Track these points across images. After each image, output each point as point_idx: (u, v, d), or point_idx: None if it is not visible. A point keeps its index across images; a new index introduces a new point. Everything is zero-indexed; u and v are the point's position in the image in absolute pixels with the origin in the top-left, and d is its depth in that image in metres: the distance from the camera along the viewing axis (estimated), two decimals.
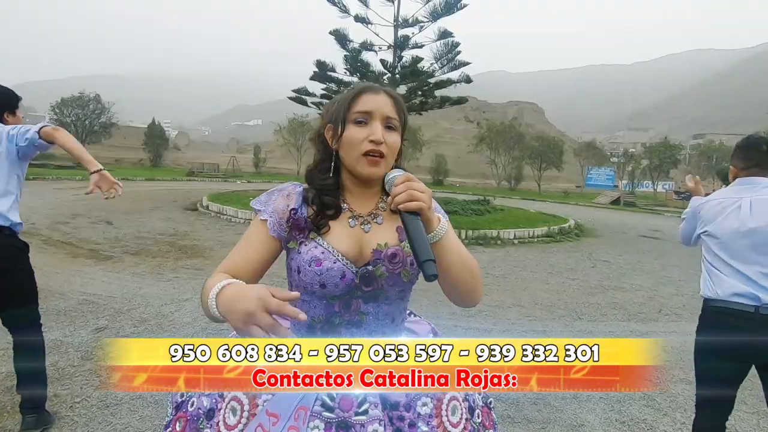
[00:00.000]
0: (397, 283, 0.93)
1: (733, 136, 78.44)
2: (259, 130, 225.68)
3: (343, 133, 0.90)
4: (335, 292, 0.91)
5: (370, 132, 0.88)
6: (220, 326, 3.24)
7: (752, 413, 2.64)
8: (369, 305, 0.94)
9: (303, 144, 30.79)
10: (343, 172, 0.96)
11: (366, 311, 0.93)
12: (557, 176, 37.98)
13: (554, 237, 9.45)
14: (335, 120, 0.92)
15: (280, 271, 1.04)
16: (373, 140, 0.87)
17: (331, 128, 0.94)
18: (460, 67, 13.08)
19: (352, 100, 0.90)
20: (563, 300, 4.99)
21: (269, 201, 0.96)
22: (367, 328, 0.94)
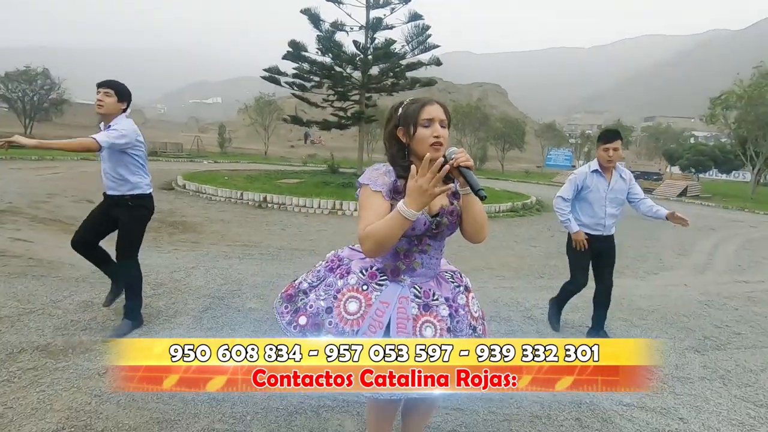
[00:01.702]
0: (449, 228, 1.48)
1: (680, 119, 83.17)
2: (219, 108, 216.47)
3: (415, 133, 1.38)
4: (417, 232, 1.42)
5: (433, 131, 1.37)
6: (219, 318, 3.66)
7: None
8: (432, 241, 1.48)
9: (270, 123, 30.31)
10: (412, 157, 1.43)
11: (430, 244, 1.48)
12: (519, 156, 39.46)
13: (518, 212, 10.26)
14: (407, 124, 1.39)
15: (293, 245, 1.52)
16: (436, 136, 1.37)
17: (402, 130, 1.41)
18: (430, 49, 13.48)
19: (419, 111, 1.38)
20: (527, 263, 5.70)
21: (377, 179, 1.41)
22: (429, 254, 1.49)
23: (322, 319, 1.45)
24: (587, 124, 77.90)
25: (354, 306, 1.42)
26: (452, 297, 1.51)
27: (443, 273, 1.57)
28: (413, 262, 1.46)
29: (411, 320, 1.40)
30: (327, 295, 1.48)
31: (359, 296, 1.43)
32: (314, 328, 1.45)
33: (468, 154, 1.33)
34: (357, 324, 1.40)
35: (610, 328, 3.59)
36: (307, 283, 1.58)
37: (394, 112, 1.46)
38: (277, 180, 12.04)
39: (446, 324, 1.45)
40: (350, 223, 7.76)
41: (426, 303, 1.45)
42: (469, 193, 1.39)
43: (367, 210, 1.37)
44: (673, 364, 3.02)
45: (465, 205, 1.43)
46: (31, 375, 2.33)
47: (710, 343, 3.43)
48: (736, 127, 19.77)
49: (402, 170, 1.41)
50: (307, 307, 1.50)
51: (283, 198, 8.90)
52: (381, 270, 1.48)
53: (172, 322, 3.14)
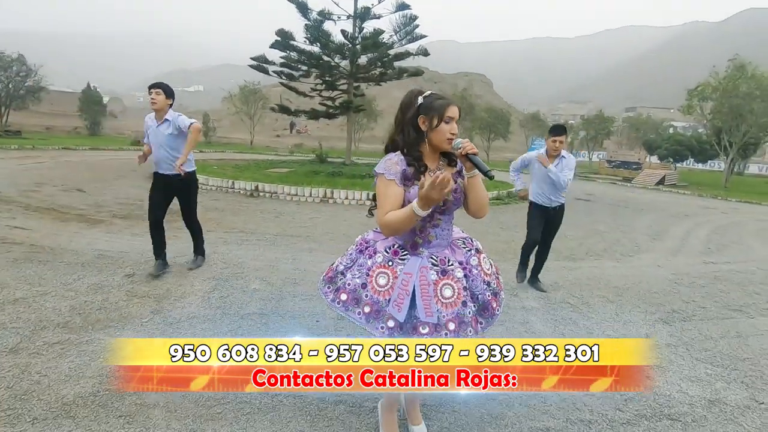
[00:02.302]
0: (455, 204, 1.72)
1: (659, 109, 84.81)
2: (201, 96, 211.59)
3: (437, 126, 1.61)
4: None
5: (451, 128, 1.62)
6: (227, 297, 3.84)
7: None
8: (442, 216, 1.72)
9: (256, 113, 29.99)
10: (421, 144, 1.66)
11: (441, 218, 1.72)
12: (504, 146, 39.91)
13: (503, 200, 10.58)
14: (431, 117, 1.61)
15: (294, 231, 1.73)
16: (453, 132, 1.62)
17: (425, 120, 1.62)
18: (417, 39, 13.58)
19: (445, 108, 1.61)
20: (512, 248, 5.99)
21: (390, 168, 1.62)
22: (441, 227, 1.73)
23: (359, 294, 1.70)
24: (571, 114, 78.94)
25: (383, 280, 1.67)
26: (465, 260, 1.75)
27: (456, 241, 1.81)
28: (428, 235, 1.71)
29: (432, 285, 1.64)
30: (360, 273, 1.73)
31: (387, 271, 1.68)
32: (354, 303, 1.71)
33: (472, 143, 1.58)
34: (388, 294, 1.65)
35: (589, 304, 3.90)
36: (342, 266, 1.82)
37: (414, 99, 1.64)
38: (267, 169, 12.12)
39: (462, 284, 1.69)
40: (341, 210, 7.95)
41: (443, 269, 1.69)
42: (474, 176, 1.65)
43: (385, 198, 1.60)
44: (644, 334, 3.34)
45: (470, 186, 1.68)
46: (57, 348, 2.50)
47: (677, 316, 3.77)
48: (712, 118, 20.45)
49: (413, 159, 1.63)
50: (346, 285, 1.75)
51: (274, 187, 9.03)
52: (402, 246, 1.72)
53: (183, 301, 3.32)
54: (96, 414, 1.96)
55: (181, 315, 3.06)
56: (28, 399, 2.03)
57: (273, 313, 3.21)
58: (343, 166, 13.24)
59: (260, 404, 2.12)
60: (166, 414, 1.99)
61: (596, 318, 3.60)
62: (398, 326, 1.63)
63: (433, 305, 1.61)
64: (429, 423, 2.07)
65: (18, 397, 2.04)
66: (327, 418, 2.06)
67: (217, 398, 2.14)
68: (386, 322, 1.63)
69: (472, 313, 1.69)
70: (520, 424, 2.12)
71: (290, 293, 3.63)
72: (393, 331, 1.62)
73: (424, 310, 1.60)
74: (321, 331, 2.97)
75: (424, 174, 1.63)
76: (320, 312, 3.27)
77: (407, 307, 1.61)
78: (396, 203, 1.58)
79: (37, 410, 1.96)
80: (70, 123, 33.92)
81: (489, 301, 1.76)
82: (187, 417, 1.99)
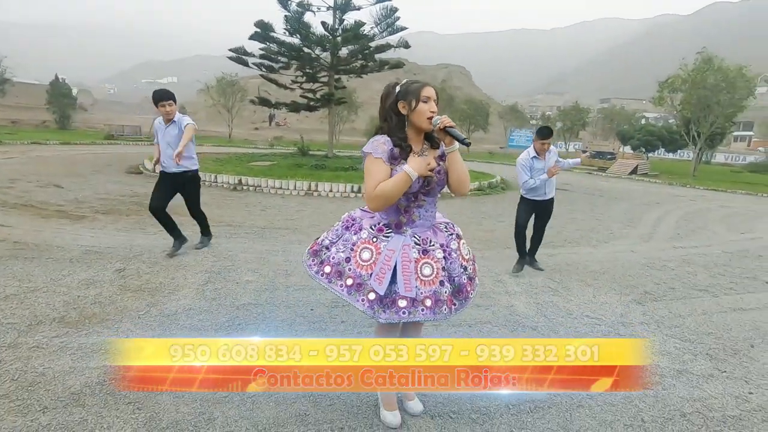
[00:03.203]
0: (439, 185, 1.84)
1: (633, 101, 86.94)
2: (175, 88, 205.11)
3: (416, 107, 1.73)
4: (413, 189, 1.78)
5: (430, 107, 1.73)
6: (220, 290, 3.89)
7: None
8: (426, 197, 1.84)
9: (234, 105, 29.47)
10: (405, 128, 1.78)
11: (425, 199, 1.84)
12: (484, 138, 40.40)
13: (484, 190, 10.82)
14: (410, 100, 1.73)
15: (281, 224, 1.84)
16: (432, 111, 1.73)
17: (404, 104, 1.75)
18: (398, 31, 13.61)
19: (420, 89, 1.73)
20: (495, 236, 6.21)
21: (377, 148, 1.74)
22: (424, 208, 1.85)
23: (342, 267, 1.80)
24: (548, 106, 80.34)
25: (367, 254, 1.77)
26: (446, 243, 1.87)
27: (438, 224, 1.93)
28: (412, 215, 1.82)
29: (413, 262, 1.75)
30: (345, 248, 1.83)
31: (371, 246, 1.79)
32: (337, 275, 1.81)
33: (449, 118, 1.74)
34: (370, 268, 1.75)
35: (569, 288, 4.12)
36: (328, 240, 1.93)
37: (392, 89, 1.79)
38: (249, 162, 12.03)
39: (441, 264, 1.80)
40: (327, 203, 8.01)
41: (424, 248, 1.80)
42: (453, 151, 1.78)
43: (373, 174, 1.71)
44: (619, 314, 3.57)
45: (450, 161, 1.80)
46: (57, 342, 2.54)
47: (649, 297, 4.02)
48: (681, 109, 21.20)
49: (399, 139, 1.76)
50: (330, 258, 1.85)
51: (258, 180, 9.01)
52: (387, 224, 1.83)
53: (177, 293, 3.37)
54: (105, 402, 2.03)
55: (177, 307, 3.11)
56: (35, 390, 2.08)
57: (267, 304, 3.29)
58: (326, 159, 13.24)
59: None
60: (174, 399, 2.07)
61: (576, 301, 3.81)
62: (378, 299, 1.72)
63: (413, 281, 1.72)
64: (423, 399, 2.21)
65: (25, 389, 2.08)
66: (329, 397, 2.17)
67: None
68: (367, 294, 1.73)
69: (448, 293, 1.79)
70: (508, 398, 2.28)
71: (283, 284, 3.71)
72: (373, 303, 1.72)
73: (404, 284, 1.71)
74: (316, 320, 3.08)
75: (410, 154, 1.76)
76: (314, 301, 3.37)
77: (388, 281, 1.71)
78: (384, 179, 1.70)
79: (46, 400, 2.01)
80: (38, 116, 32.61)
81: (464, 284, 1.87)
82: (195, 401, 2.07)
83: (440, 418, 2.09)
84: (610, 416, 2.19)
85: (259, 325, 2.92)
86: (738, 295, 4.23)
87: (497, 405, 2.21)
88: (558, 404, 2.25)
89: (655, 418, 2.19)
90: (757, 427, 2.18)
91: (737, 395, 2.44)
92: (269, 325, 2.93)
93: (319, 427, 1.96)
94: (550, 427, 2.07)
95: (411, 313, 1.71)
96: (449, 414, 2.12)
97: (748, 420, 2.23)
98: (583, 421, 2.14)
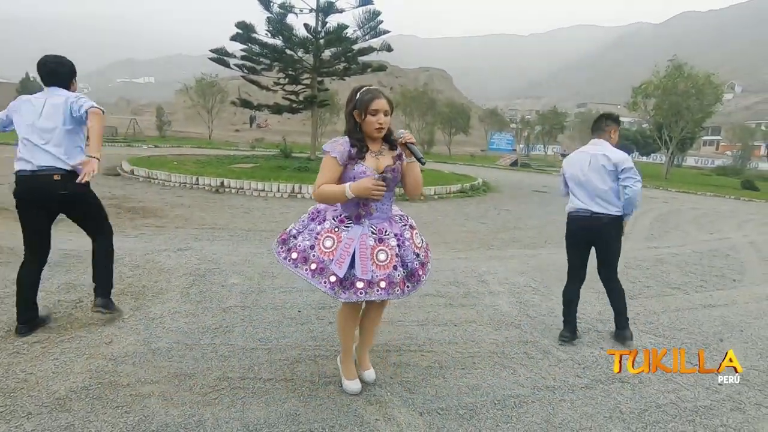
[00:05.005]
0: (393, 181, 2.04)
1: (608, 105, 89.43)
2: (152, 89, 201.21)
3: (365, 118, 1.97)
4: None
5: (378, 119, 1.97)
6: (206, 292, 3.88)
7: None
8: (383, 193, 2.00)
9: (214, 106, 29.04)
10: (362, 131, 1.99)
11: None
12: (465, 141, 40.88)
13: (466, 192, 10.98)
14: (361, 111, 1.97)
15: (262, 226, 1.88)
16: (380, 123, 1.94)
17: (358, 113, 1.99)
18: (381, 34, 13.68)
19: (369, 102, 1.92)
20: (478, 237, 6.32)
21: (335, 147, 1.97)
22: (381, 202, 2.04)
23: (308, 254, 2.04)
24: (526, 110, 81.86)
25: (329, 242, 2.01)
26: (400, 233, 2.10)
27: (394, 216, 2.15)
28: (370, 208, 2.04)
29: (369, 249, 1.98)
30: (310, 237, 2.07)
31: (333, 236, 2.02)
32: (302, 261, 2.03)
33: (412, 134, 2.02)
34: (332, 255, 1.98)
35: (550, 287, 4.24)
36: (295, 230, 2.17)
37: (354, 95, 2.00)
38: (231, 164, 11.89)
39: (395, 251, 2.04)
40: (311, 205, 7.94)
41: (380, 237, 2.03)
42: (412, 162, 2.03)
43: (324, 171, 1.97)
44: (597, 311, 3.70)
45: (407, 169, 2.06)
46: (38, 347, 2.49)
47: (625, 295, 4.17)
48: (654, 114, 21.97)
49: (356, 141, 1.99)
50: (297, 246, 2.09)
51: (240, 182, 8.92)
52: (348, 216, 2.06)
53: (161, 297, 3.33)
54: (92, 406, 2.00)
55: (162, 311, 3.08)
56: (17, 396, 2.04)
57: (254, 306, 3.28)
58: (309, 161, 13.20)
59: (254, 388, 2.23)
60: (162, 402, 2.06)
61: (557, 300, 3.91)
62: (339, 281, 1.95)
63: (369, 266, 1.95)
64: (412, 397, 2.26)
65: (7, 395, 2.04)
66: (318, 397, 2.20)
67: (211, 385, 2.23)
68: (329, 277, 1.96)
69: (401, 277, 2.03)
70: (493, 393, 2.36)
71: (269, 286, 3.71)
72: (334, 285, 1.95)
73: (361, 268, 1.94)
74: (303, 321, 3.09)
75: (365, 154, 1.99)
76: (301, 303, 3.38)
77: (347, 265, 1.94)
78: (331, 177, 1.96)
79: (30, 406, 1.98)
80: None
81: (416, 269, 2.11)
82: (184, 404, 2.07)
83: (428, 414, 2.14)
84: (590, 409, 2.28)
85: (246, 327, 2.92)
86: (708, 293, 4.43)
87: (483, 401, 2.28)
88: (541, 399, 2.34)
89: (632, 410, 2.29)
90: (727, 416, 2.30)
91: (708, 386, 2.57)
92: (256, 327, 2.93)
93: (310, 426, 1.99)
94: (534, 421, 2.15)
95: (367, 293, 1.95)
96: (437, 410, 2.17)
97: (718, 409, 2.36)
98: (566, 414, 2.22)
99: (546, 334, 3.18)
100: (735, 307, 4.07)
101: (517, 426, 2.10)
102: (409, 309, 3.39)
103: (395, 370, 2.50)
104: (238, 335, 2.79)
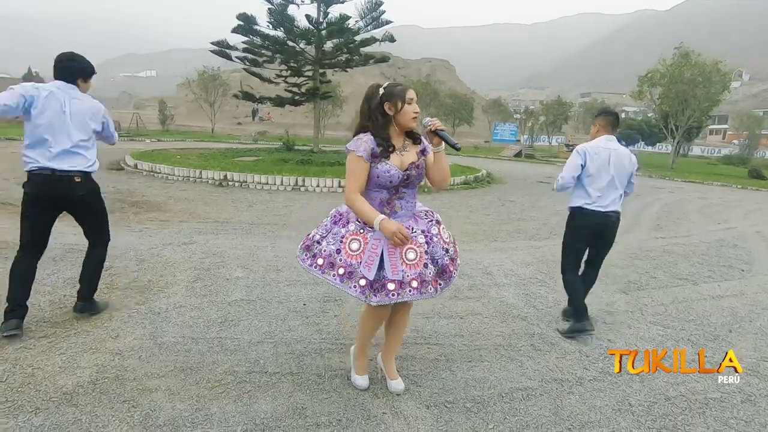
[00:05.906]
0: (417, 178, 1.98)
1: (613, 95, 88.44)
2: (154, 82, 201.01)
3: (401, 108, 1.88)
4: (394, 183, 1.91)
5: (414, 108, 1.93)
6: (211, 286, 3.87)
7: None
8: (405, 189, 1.97)
9: (216, 99, 28.93)
10: (389, 127, 1.93)
11: (405, 191, 1.98)
12: (468, 132, 40.67)
13: (470, 184, 10.92)
14: (395, 102, 1.90)
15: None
16: (416, 111, 1.89)
17: (390, 106, 1.91)
18: (383, 25, 13.53)
19: (404, 92, 1.88)
20: (482, 229, 6.28)
21: (360, 146, 1.89)
22: (405, 199, 1.98)
23: (334, 258, 1.95)
24: (530, 100, 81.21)
25: (356, 245, 1.92)
26: (427, 229, 2.03)
27: (419, 212, 2.08)
28: (394, 206, 1.99)
29: (398, 248, 1.88)
30: (335, 240, 1.97)
31: (359, 238, 1.93)
32: (329, 266, 1.94)
33: (439, 121, 1.93)
34: (359, 257, 1.90)
35: (555, 279, 4.20)
36: (318, 235, 2.07)
37: (376, 91, 1.93)
38: (233, 158, 11.87)
39: (424, 248, 1.96)
40: (314, 198, 7.98)
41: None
42: (439, 151, 1.96)
43: (354, 175, 1.90)
44: (605, 303, 3.67)
45: (435, 159, 2.00)
46: (45, 342, 2.49)
47: (633, 286, 4.14)
48: (660, 103, 21.71)
49: (382, 139, 1.91)
50: (322, 251, 1.99)
51: (244, 176, 8.90)
52: None
53: (166, 291, 3.33)
54: (99, 400, 2.01)
55: (168, 305, 3.08)
56: (25, 391, 2.04)
57: (260, 299, 3.28)
58: (312, 153, 13.15)
59: (260, 381, 2.23)
60: (169, 396, 2.06)
61: (562, 292, 3.88)
62: (369, 284, 1.87)
63: (399, 265, 1.87)
64: (419, 390, 2.25)
65: (15, 390, 2.04)
66: (325, 390, 2.19)
67: (217, 379, 2.22)
68: (358, 281, 1.87)
69: (432, 274, 1.95)
70: (501, 386, 2.34)
71: (274, 279, 3.70)
72: (365, 288, 1.87)
73: (391, 269, 1.86)
74: (308, 314, 3.08)
75: (391, 152, 1.93)
76: (306, 296, 3.37)
77: (376, 267, 1.86)
78: (362, 179, 1.90)
79: (37, 400, 1.98)
80: None
81: (447, 264, 2.03)
82: (191, 398, 2.06)
83: (435, 407, 2.13)
84: (599, 401, 2.26)
85: (251, 320, 2.91)
86: (716, 283, 4.39)
87: (491, 394, 2.26)
88: (549, 391, 2.32)
89: (641, 402, 2.27)
90: (737, 408, 2.28)
91: (717, 379, 2.54)
92: (262, 321, 2.92)
93: (317, 419, 1.98)
94: (542, 413, 2.13)
95: (399, 294, 1.87)
96: (444, 404, 2.16)
97: (729, 401, 2.34)
98: (574, 406, 2.20)
99: (553, 326, 3.16)
100: (744, 297, 4.03)
101: (525, 419, 2.08)
102: (414, 302, 3.36)
103: (402, 364, 2.49)
104: (244, 329, 2.79)
